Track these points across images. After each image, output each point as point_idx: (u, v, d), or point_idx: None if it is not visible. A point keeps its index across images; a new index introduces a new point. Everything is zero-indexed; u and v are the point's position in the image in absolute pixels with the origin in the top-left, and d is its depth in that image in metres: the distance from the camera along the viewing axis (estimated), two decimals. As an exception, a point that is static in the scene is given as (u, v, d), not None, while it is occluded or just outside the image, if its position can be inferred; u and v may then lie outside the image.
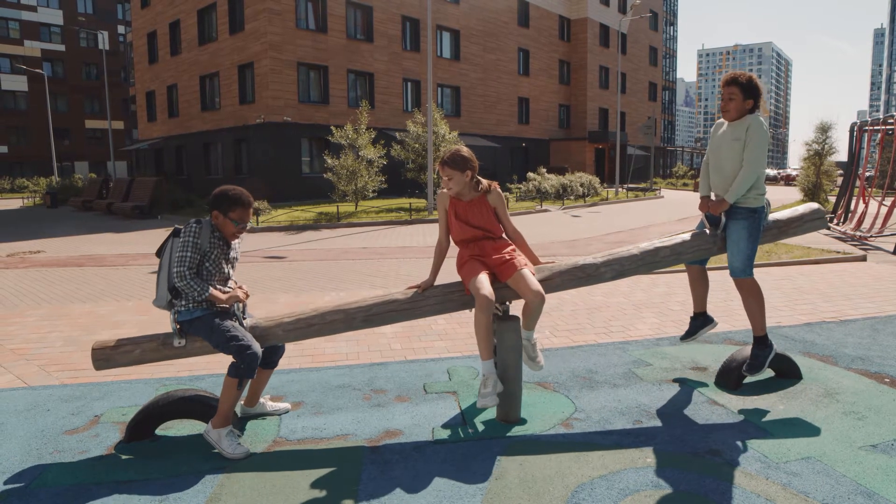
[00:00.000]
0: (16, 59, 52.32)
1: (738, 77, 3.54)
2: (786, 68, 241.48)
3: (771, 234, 3.78)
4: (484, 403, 3.18)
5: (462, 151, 3.39)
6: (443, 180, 3.39)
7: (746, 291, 3.65)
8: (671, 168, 57.87)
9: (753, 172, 3.47)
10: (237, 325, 3.18)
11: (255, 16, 25.39)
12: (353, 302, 3.44)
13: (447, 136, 22.54)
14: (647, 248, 3.66)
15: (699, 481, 2.69)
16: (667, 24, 68.40)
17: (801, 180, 22.07)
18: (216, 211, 3.18)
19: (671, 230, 14.63)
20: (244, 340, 3.08)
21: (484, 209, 3.42)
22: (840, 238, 12.45)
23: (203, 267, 3.17)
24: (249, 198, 3.24)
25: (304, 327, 3.35)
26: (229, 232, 3.21)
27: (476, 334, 3.22)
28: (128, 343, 3.26)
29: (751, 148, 3.47)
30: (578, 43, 43.99)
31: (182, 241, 3.11)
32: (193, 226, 3.13)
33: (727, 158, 3.59)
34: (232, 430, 3.12)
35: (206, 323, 3.13)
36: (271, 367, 3.50)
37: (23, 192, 39.61)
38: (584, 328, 5.38)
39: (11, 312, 6.53)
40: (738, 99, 3.53)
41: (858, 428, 3.22)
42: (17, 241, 14.59)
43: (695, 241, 3.69)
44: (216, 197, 3.18)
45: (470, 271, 3.31)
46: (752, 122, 3.49)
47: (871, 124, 14.43)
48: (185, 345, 3.20)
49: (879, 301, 6.31)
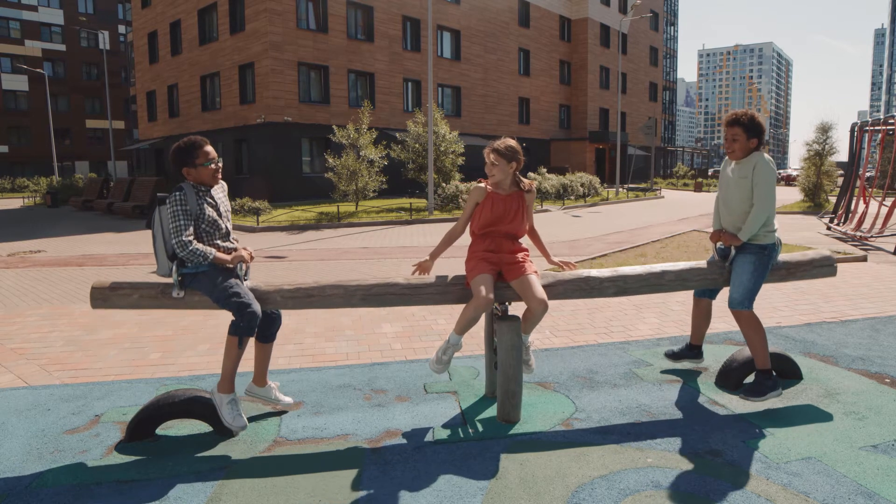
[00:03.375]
0: (16, 58, 52.30)
1: (740, 117, 3.59)
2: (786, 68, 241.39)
3: (778, 275, 3.79)
4: (436, 369, 3.40)
5: (514, 144, 3.48)
6: (487, 166, 3.46)
7: (744, 324, 3.60)
8: (672, 168, 57.84)
9: (764, 212, 3.52)
10: (240, 283, 3.20)
11: (255, 16, 25.39)
12: (355, 280, 3.48)
13: (447, 137, 22.54)
14: (654, 269, 3.68)
15: (699, 481, 2.69)
16: (667, 24, 68.36)
17: (801, 180, 22.07)
18: (185, 168, 3.20)
19: (672, 230, 14.62)
20: (245, 298, 3.10)
21: (520, 207, 3.48)
22: (840, 238, 12.45)
23: (200, 229, 3.18)
24: (200, 138, 3.26)
25: (302, 297, 3.37)
26: (208, 176, 3.23)
27: (462, 315, 3.30)
28: (127, 287, 3.28)
29: (760, 187, 3.51)
30: (579, 43, 43.97)
31: (171, 211, 3.11)
32: (177, 194, 3.14)
33: (735, 196, 3.64)
34: (235, 398, 3.16)
35: (209, 277, 3.14)
36: (269, 341, 3.49)
37: (23, 192, 39.58)
38: (584, 328, 5.38)
39: (12, 312, 6.53)
40: (741, 139, 3.57)
41: (859, 428, 3.22)
42: (17, 240, 14.59)
43: (702, 270, 3.71)
44: (175, 157, 3.20)
45: (476, 268, 3.36)
46: (758, 161, 3.54)
47: (871, 124, 14.42)
48: (184, 297, 3.23)
49: (880, 301, 6.31)
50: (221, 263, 3.17)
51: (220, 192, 3.37)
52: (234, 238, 3.42)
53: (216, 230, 3.24)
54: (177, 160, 3.20)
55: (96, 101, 57.06)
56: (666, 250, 10.87)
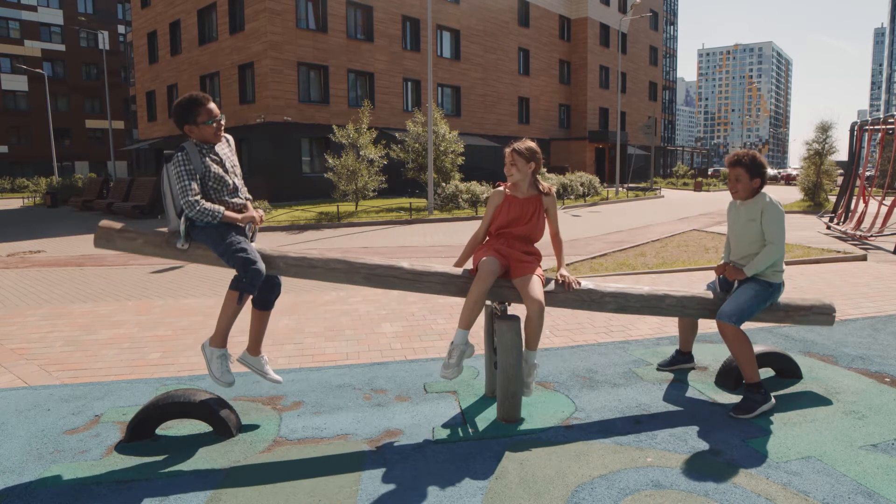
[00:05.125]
0: (16, 58, 52.30)
1: (742, 158, 3.60)
2: (786, 68, 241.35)
3: (776, 316, 3.78)
4: (445, 375, 3.28)
5: (533, 145, 3.51)
6: (506, 166, 3.49)
7: (730, 339, 3.50)
8: (671, 168, 57.84)
9: (777, 253, 3.54)
10: (246, 240, 3.18)
11: (255, 15, 25.39)
12: (360, 258, 3.46)
13: (447, 136, 22.53)
14: (656, 292, 3.70)
15: (699, 481, 2.69)
16: (667, 23, 68.35)
17: (801, 180, 22.08)
18: (186, 125, 3.15)
19: (672, 230, 14.62)
20: (251, 255, 3.09)
21: (536, 210, 3.49)
22: (840, 238, 12.45)
23: (208, 187, 3.14)
24: (202, 94, 3.19)
25: (305, 266, 3.36)
26: (210, 134, 3.17)
27: (464, 303, 3.28)
28: (133, 231, 3.29)
29: (771, 231, 3.53)
30: (579, 43, 43.97)
31: (175, 172, 3.07)
32: (178, 155, 3.09)
33: (744, 238, 3.67)
34: (226, 353, 3.14)
35: (217, 231, 3.12)
36: (268, 309, 3.46)
37: (23, 192, 39.56)
38: (584, 327, 5.38)
39: (11, 312, 6.53)
40: (744, 180, 3.59)
41: (859, 427, 3.22)
42: (17, 240, 14.59)
43: (702, 301, 3.72)
44: (176, 114, 3.15)
45: (485, 254, 3.41)
46: (765, 206, 3.55)
47: (871, 124, 14.42)
48: (188, 249, 3.21)
49: (880, 301, 6.31)
50: (232, 222, 3.14)
51: (226, 148, 3.31)
52: (248, 196, 3.36)
53: (223, 187, 3.19)
54: (178, 118, 3.14)
55: (96, 101, 57.06)
56: (666, 250, 10.87)
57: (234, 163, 3.33)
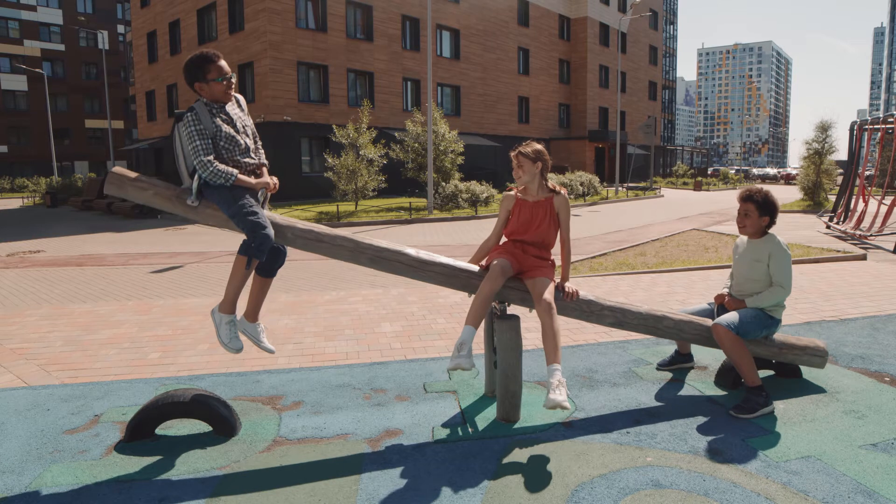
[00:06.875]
0: (16, 58, 52.27)
1: (754, 194, 3.61)
2: (786, 67, 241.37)
3: (770, 352, 3.77)
4: (456, 364, 3.12)
5: (538, 146, 3.51)
6: (514, 170, 3.49)
7: (728, 346, 3.49)
8: (671, 167, 57.84)
9: (783, 295, 3.58)
10: (258, 204, 3.14)
11: (254, 15, 25.39)
12: (368, 239, 3.45)
13: (447, 136, 22.53)
14: (655, 312, 3.71)
15: (699, 480, 2.69)
16: (667, 23, 68.32)
17: (801, 179, 22.09)
18: (196, 83, 3.09)
19: (672, 229, 14.62)
20: (261, 219, 3.04)
21: (548, 213, 3.47)
22: (840, 237, 12.45)
23: (219, 147, 3.09)
24: (213, 51, 3.13)
25: (312, 240, 3.33)
26: (220, 92, 3.11)
27: (473, 300, 3.27)
28: (146, 181, 3.24)
29: (779, 274, 3.56)
30: (578, 42, 43.97)
31: (186, 132, 3.02)
32: (188, 115, 3.03)
33: (747, 275, 3.69)
34: (234, 320, 3.11)
35: (231, 192, 3.06)
36: (271, 276, 3.43)
37: (23, 192, 39.58)
38: (584, 327, 5.38)
39: (11, 312, 6.52)
40: (753, 216, 3.60)
41: (858, 427, 3.22)
42: (17, 240, 14.59)
43: (699, 328, 3.73)
44: (187, 71, 3.09)
45: (499, 255, 3.43)
46: (773, 250, 3.57)
47: (871, 123, 14.42)
48: (198, 206, 3.16)
49: (879, 300, 6.31)
50: (245, 185, 3.10)
51: (236, 108, 3.25)
52: (264, 161, 3.31)
53: (235, 146, 3.14)
54: (189, 75, 3.08)
55: (95, 101, 57.05)
56: (665, 249, 10.87)
57: (246, 123, 3.27)
